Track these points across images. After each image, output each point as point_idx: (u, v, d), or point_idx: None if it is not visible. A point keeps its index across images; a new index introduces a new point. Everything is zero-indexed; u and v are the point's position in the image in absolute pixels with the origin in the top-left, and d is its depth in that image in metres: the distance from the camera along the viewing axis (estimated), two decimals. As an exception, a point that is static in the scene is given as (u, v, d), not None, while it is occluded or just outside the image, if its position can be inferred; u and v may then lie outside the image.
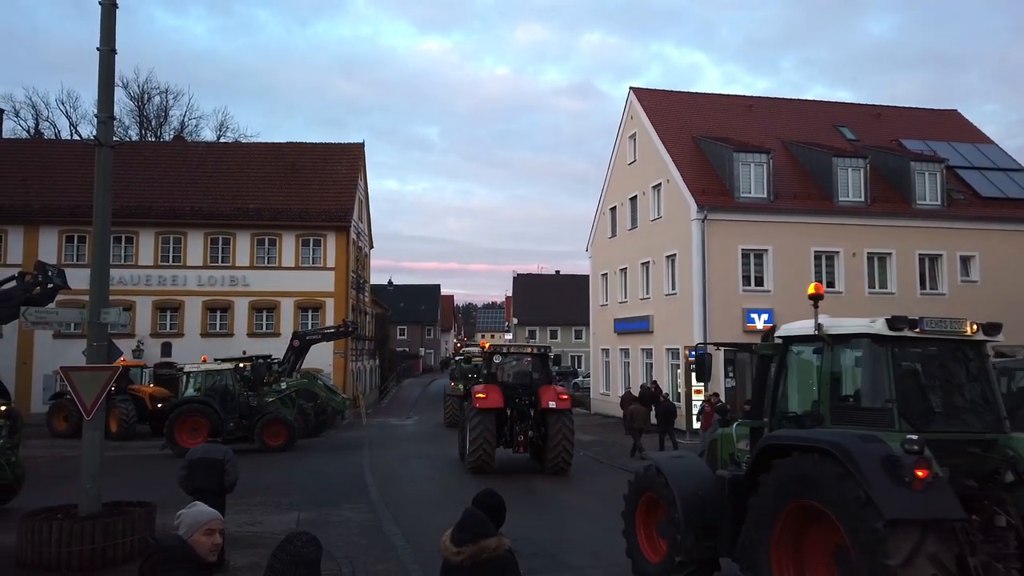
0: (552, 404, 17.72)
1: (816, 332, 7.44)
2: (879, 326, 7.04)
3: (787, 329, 8.24)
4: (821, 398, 7.35)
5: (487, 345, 22.34)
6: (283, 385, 24.76)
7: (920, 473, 5.84)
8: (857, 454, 6.09)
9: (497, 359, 20.15)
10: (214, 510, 3.75)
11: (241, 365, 24.31)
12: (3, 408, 18.93)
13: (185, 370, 24.40)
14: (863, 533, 5.92)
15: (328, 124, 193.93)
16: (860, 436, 6.46)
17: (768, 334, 8.76)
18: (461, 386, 29.18)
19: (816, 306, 7.72)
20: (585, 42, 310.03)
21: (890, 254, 28.41)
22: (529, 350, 21.01)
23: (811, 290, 7.96)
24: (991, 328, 7.28)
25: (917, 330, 7.03)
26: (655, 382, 28.57)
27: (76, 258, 32.44)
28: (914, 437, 6.12)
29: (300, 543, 3.13)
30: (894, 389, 6.83)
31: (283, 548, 3.12)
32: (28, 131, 50.81)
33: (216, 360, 25.68)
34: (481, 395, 17.81)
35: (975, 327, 7.22)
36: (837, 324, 7.56)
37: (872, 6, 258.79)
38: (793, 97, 43.59)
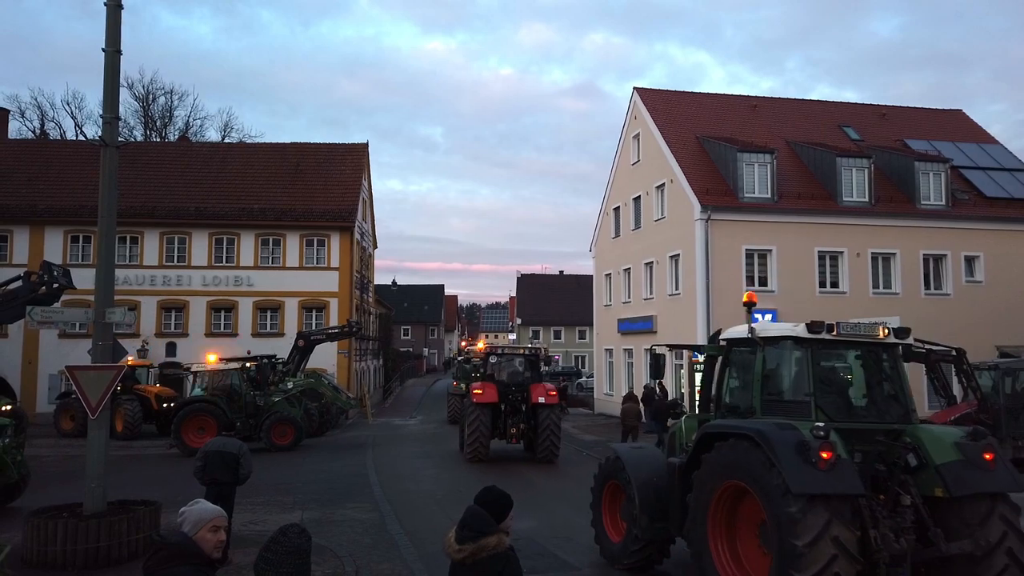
0: (541, 399, 19.63)
1: (750, 335, 8.43)
2: (800, 329, 8.05)
3: (730, 332, 9.19)
4: (754, 393, 8.27)
5: (483, 347, 23.88)
6: (289, 385, 24.83)
7: (824, 455, 6.77)
8: (773, 439, 7.03)
9: (493, 359, 21.89)
10: (218, 507, 3.77)
11: (248, 365, 24.39)
12: (8, 407, 19.04)
13: (192, 369, 24.49)
14: (775, 505, 6.87)
15: (332, 124, 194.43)
16: (777, 425, 7.39)
17: (714, 337, 9.68)
18: (464, 385, 29.41)
19: (749, 312, 8.82)
20: (589, 42, 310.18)
21: (894, 254, 28.37)
22: (521, 351, 22.86)
23: (744, 298, 9.13)
24: (901, 332, 8.22)
25: (833, 333, 7.98)
26: (660, 382, 28.57)
27: (81, 258, 32.58)
28: (820, 425, 7.07)
29: (293, 534, 3.17)
30: (812, 384, 7.83)
31: (277, 540, 3.15)
32: (34, 132, 51.04)
33: (222, 360, 25.75)
34: (478, 391, 19.78)
35: (887, 331, 8.13)
36: (767, 328, 8.64)
37: (877, 6, 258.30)
38: (798, 97, 43.59)
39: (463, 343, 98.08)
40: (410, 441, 26.30)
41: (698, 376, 25.98)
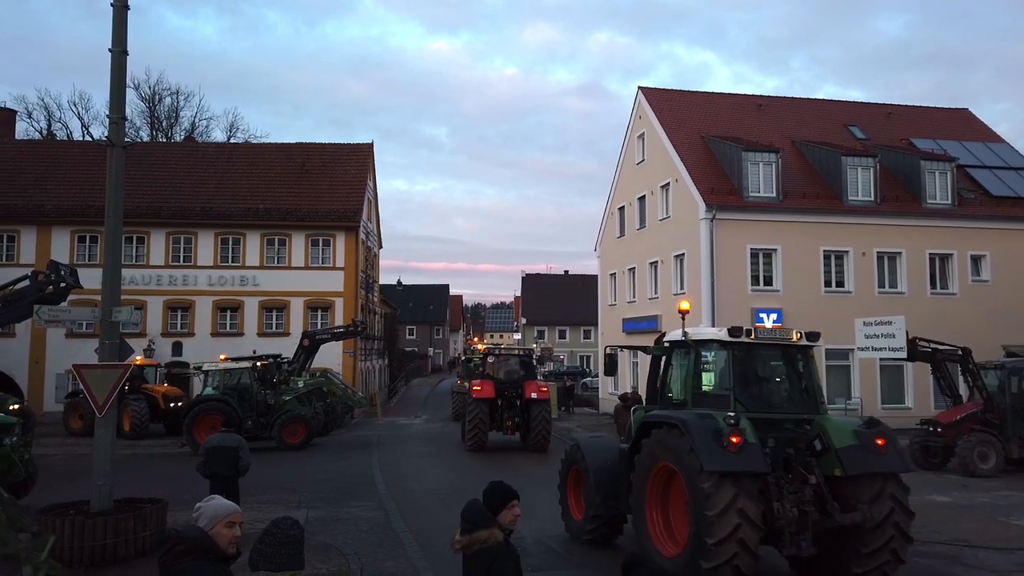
0: (534, 395, 21.83)
1: (684, 338, 9.75)
2: (723, 333, 9.32)
3: (671, 336, 10.37)
4: (687, 387, 9.65)
5: (482, 348, 27.13)
6: (300, 383, 25.06)
7: (734, 439, 8.00)
8: (692, 427, 8.30)
9: (491, 359, 24.25)
10: (233, 503, 3.80)
11: (259, 364, 24.53)
12: (16, 406, 19.14)
13: (204, 368, 24.61)
14: (693, 481, 8.12)
15: (337, 124, 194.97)
16: (698, 415, 8.66)
17: (659, 339, 10.84)
18: (467, 384, 29.87)
19: (683, 319, 10.14)
20: (594, 42, 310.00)
21: (900, 254, 28.29)
22: (516, 352, 25.23)
23: (680, 307, 10.68)
24: (812, 335, 9.50)
25: (751, 337, 9.25)
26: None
27: (88, 258, 32.70)
28: (732, 415, 8.29)
29: (286, 526, 3.23)
30: (732, 380, 9.07)
31: (270, 532, 3.21)
32: (41, 132, 51.26)
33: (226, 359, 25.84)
34: (477, 387, 22.04)
35: (799, 335, 9.43)
36: (699, 332, 9.96)
37: (882, 5, 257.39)
38: (803, 96, 43.45)
39: (470, 342, 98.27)
40: (415, 440, 26.35)
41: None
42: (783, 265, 27.34)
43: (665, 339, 10.55)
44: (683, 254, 28.77)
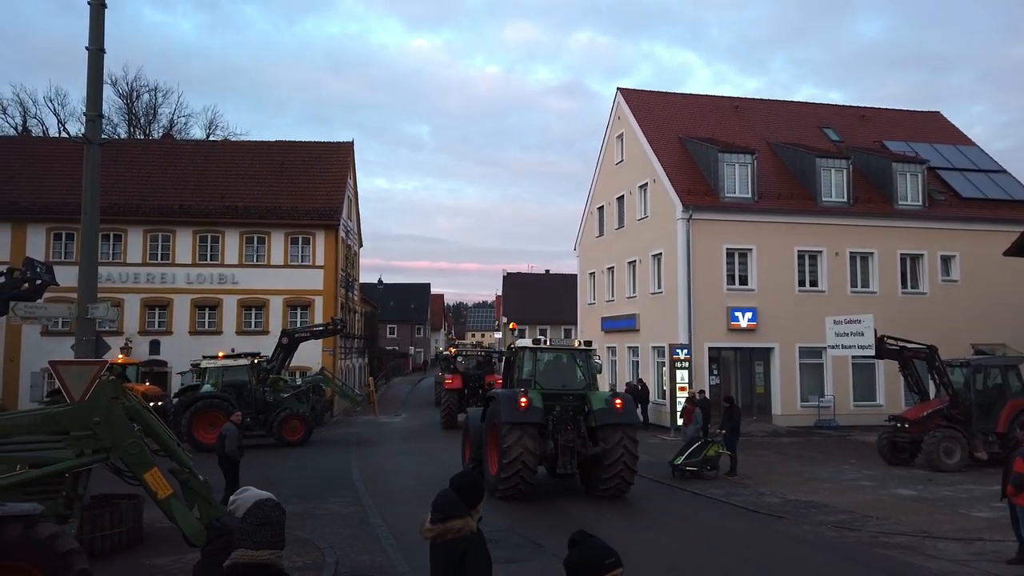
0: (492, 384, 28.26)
1: (512, 347, 16.43)
2: (529, 343, 16.24)
3: (514, 344, 16.71)
4: (515, 376, 15.79)
5: (452, 349, 35.36)
6: (299, 381, 25.33)
7: (523, 402, 13.98)
8: (500, 397, 14.56)
9: (460, 358, 32.00)
10: (266, 493, 3.90)
11: (256, 360, 24.59)
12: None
13: (202, 365, 24.56)
14: (500, 428, 14.09)
15: (318, 122, 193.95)
16: (508, 391, 15.01)
17: (509, 347, 16.90)
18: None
19: (515, 333, 20.38)
20: (575, 41, 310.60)
21: (872, 254, 28.79)
22: (479, 352, 33.76)
23: (512, 325, 24.47)
24: (587, 343, 16.37)
25: (548, 344, 16.43)
26: (641, 380, 28.89)
27: (64, 256, 32.39)
28: (522, 390, 14.41)
29: (267, 508, 3.34)
30: (534, 371, 15.48)
31: (251, 513, 3.32)
32: (16, 128, 50.58)
33: (204, 357, 25.78)
34: (449, 380, 29.70)
35: (579, 342, 16.41)
36: (521, 342, 16.60)
37: (863, 7, 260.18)
38: (783, 98, 43.86)
39: (451, 340, 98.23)
40: (395, 439, 26.45)
41: (679, 373, 26.53)
42: (758, 264, 27.74)
43: (511, 346, 16.70)
44: (660, 253, 29.08)
